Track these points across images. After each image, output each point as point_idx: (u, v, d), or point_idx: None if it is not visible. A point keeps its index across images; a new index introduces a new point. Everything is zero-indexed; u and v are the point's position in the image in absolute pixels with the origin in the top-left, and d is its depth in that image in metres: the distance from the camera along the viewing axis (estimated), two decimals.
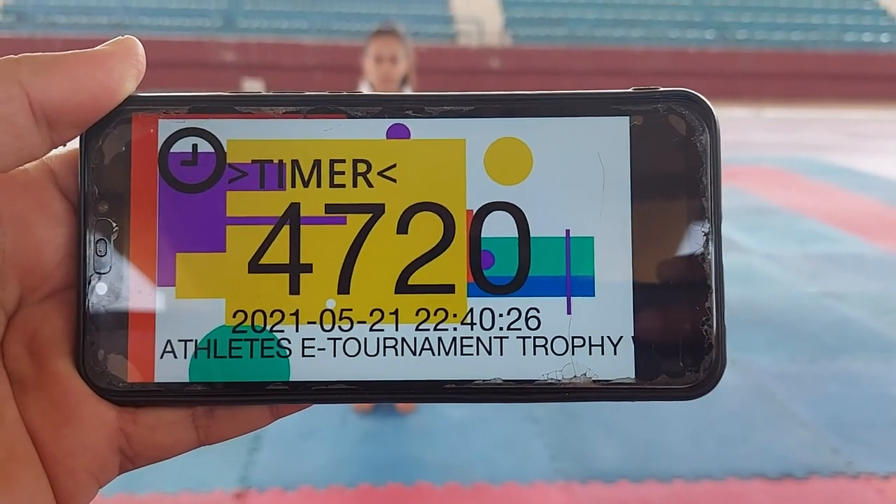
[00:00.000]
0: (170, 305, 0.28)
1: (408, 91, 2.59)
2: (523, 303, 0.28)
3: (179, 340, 0.28)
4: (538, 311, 0.28)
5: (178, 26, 17.54)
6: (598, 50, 17.10)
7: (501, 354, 0.28)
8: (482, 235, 0.28)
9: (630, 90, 0.29)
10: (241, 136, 0.28)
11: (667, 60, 16.77)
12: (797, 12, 19.68)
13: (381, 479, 1.96)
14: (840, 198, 5.91)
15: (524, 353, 0.28)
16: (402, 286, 0.28)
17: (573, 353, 0.28)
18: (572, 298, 0.28)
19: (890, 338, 3.00)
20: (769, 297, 3.47)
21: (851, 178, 6.74)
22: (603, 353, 0.28)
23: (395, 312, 0.28)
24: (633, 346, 0.28)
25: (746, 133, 10.44)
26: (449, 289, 0.28)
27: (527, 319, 0.28)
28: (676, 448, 2.12)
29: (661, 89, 0.28)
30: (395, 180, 0.28)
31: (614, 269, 0.28)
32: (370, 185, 0.28)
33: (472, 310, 0.28)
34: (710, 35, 18.66)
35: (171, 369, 0.28)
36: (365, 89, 2.55)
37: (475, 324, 0.28)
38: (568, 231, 0.28)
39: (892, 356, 2.85)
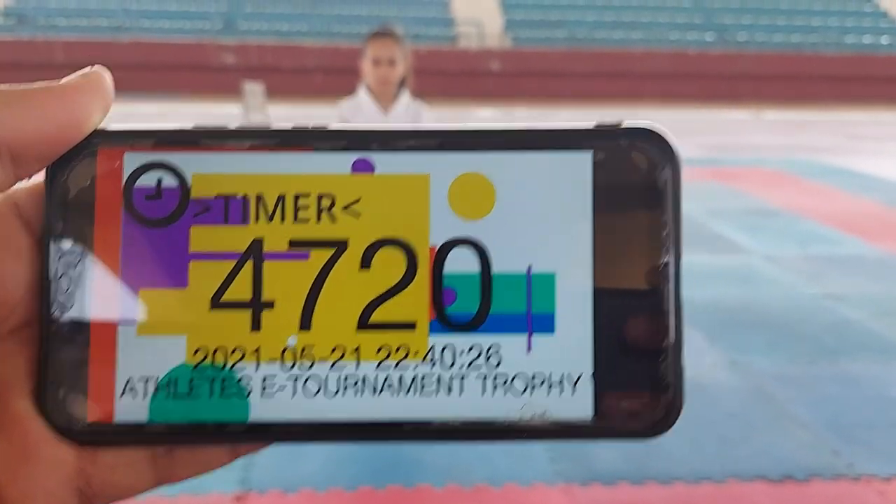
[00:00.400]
0: (131, 343, 0.27)
1: (405, 93, 2.60)
2: (484, 340, 0.28)
3: (140, 379, 0.27)
4: (499, 349, 0.28)
5: (179, 29, 17.56)
6: (597, 52, 17.11)
7: (461, 394, 0.28)
8: (444, 272, 0.28)
9: (592, 125, 0.28)
10: (205, 171, 0.28)
11: (667, 62, 16.78)
12: (797, 14, 19.70)
13: (381, 481, 1.96)
14: (840, 199, 5.91)
15: (483, 393, 0.28)
16: (364, 323, 0.28)
17: (531, 393, 0.28)
18: (533, 335, 0.28)
19: (890, 339, 3.00)
20: (769, 299, 3.47)
21: (851, 180, 6.74)
22: (561, 393, 0.27)
23: (357, 350, 0.27)
24: (592, 384, 0.28)
25: (746, 135, 10.44)
26: (410, 326, 0.28)
27: (487, 357, 0.28)
28: (676, 450, 2.12)
29: (624, 125, 0.28)
30: (359, 215, 0.28)
31: (575, 306, 0.28)
32: (334, 220, 0.28)
33: (433, 347, 0.28)
34: (710, 37, 18.68)
35: (131, 409, 0.27)
36: (363, 92, 2.55)
37: (435, 362, 0.28)
38: (530, 267, 0.28)
39: (892, 358, 2.84)
